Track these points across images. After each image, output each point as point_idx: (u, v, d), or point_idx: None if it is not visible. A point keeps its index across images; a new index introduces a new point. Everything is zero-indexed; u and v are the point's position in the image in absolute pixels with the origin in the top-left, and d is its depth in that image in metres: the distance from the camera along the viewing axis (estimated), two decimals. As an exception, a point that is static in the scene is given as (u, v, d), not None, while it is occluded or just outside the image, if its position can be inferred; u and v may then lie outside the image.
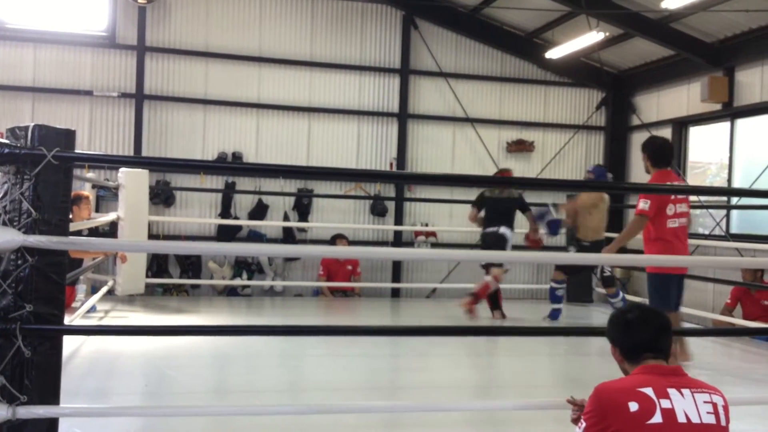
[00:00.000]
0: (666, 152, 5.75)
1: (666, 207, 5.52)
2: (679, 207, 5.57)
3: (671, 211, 5.54)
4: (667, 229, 5.53)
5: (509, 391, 5.22)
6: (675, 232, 5.56)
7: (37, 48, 9.40)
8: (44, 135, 2.81)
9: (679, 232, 5.58)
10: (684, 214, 5.63)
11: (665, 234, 5.53)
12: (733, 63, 8.95)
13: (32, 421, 2.83)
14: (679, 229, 5.58)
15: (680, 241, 5.58)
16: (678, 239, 5.56)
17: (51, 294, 2.86)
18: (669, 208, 5.54)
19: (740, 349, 7.14)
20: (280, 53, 10.16)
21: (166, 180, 9.75)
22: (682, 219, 5.61)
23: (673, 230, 5.55)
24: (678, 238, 5.57)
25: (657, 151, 5.72)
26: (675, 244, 5.53)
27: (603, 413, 2.32)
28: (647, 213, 5.49)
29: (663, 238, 5.53)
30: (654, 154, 5.71)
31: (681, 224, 5.60)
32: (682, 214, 5.60)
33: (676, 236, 5.55)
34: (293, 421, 3.96)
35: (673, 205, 5.55)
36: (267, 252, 9.19)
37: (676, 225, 5.57)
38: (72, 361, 5.19)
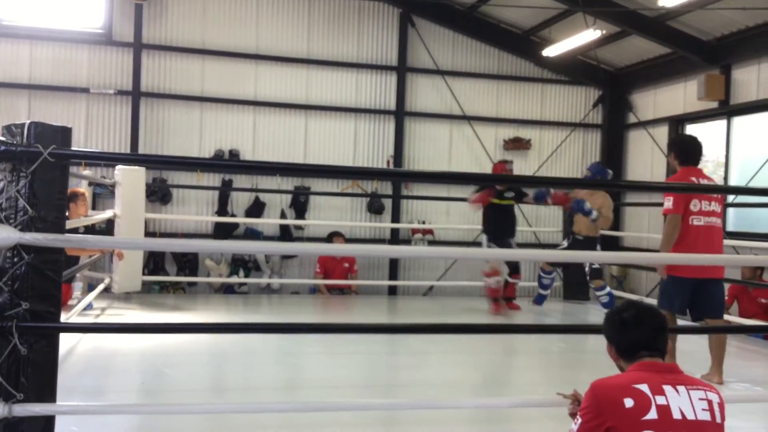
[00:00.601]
0: (694, 149, 5.41)
1: (690, 203, 5.17)
2: (705, 205, 5.19)
3: (696, 208, 5.16)
4: (690, 227, 5.16)
5: (506, 388, 5.23)
6: (699, 232, 5.15)
7: (33, 45, 9.38)
8: (40, 132, 2.80)
9: (704, 232, 5.16)
10: (713, 213, 5.21)
11: (687, 232, 5.16)
12: (730, 61, 8.96)
13: (29, 418, 2.83)
14: (707, 228, 5.17)
15: (706, 241, 5.13)
16: (703, 239, 5.13)
17: (47, 291, 2.86)
18: (693, 204, 5.17)
19: (736, 346, 7.15)
20: (277, 50, 10.15)
21: (162, 177, 9.73)
22: (711, 218, 5.20)
23: (697, 229, 5.16)
24: (703, 237, 5.14)
25: (684, 148, 5.43)
26: (699, 244, 5.09)
27: (599, 409, 2.33)
28: (674, 211, 5.15)
29: (685, 237, 5.15)
30: (682, 152, 5.41)
31: (708, 223, 5.19)
32: (711, 213, 5.19)
33: (699, 236, 5.14)
34: (290, 418, 3.96)
35: (698, 201, 5.17)
36: (264, 250, 9.18)
37: (702, 223, 5.17)
38: (68, 359, 5.18)
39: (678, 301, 5.27)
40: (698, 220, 5.17)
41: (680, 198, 5.15)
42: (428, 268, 10.67)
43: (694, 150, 5.41)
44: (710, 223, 5.19)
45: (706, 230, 5.16)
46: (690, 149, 5.40)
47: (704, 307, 5.32)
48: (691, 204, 5.15)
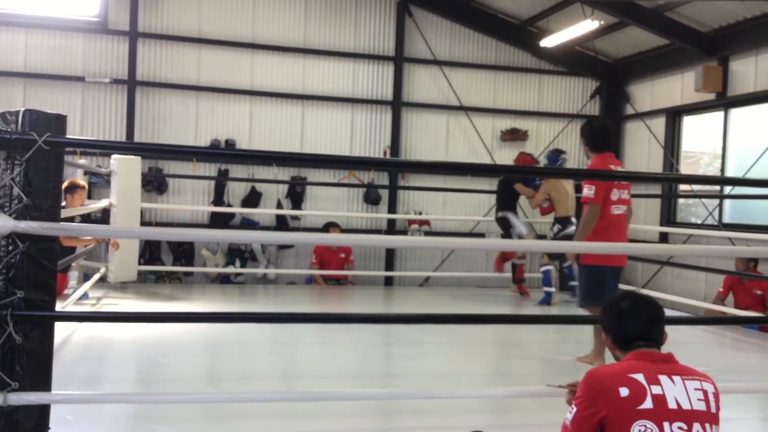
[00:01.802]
0: (605, 135, 5.52)
1: (611, 193, 5.26)
2: (622, 193, 5.33)
3: (615, 197, 5.27)
4: (611, 216, 5.27)
5: (502, 378, 5.24)
6: (618, 220, 5.30)
7: (28, 33, 9.33)
8: (35, 120, 2.79)
9: (620, 220, 5.33)
10: (626, 202, 5.38)
11: (609, 221, 5.25)
12: (728, 52, 8.95)
13: (24, 407, 2.83)
14: (621, 216, 5.33)
15: (620, 229, 5.31)
16: (618, 228, 5.29)
17: (42, 280, 2.85)
18: (613, 194, 5.27)
19: (731, 337, 7.18)
20: (274, 40, 10.11)
21: (158, 167, 9.71)
22: (624, 206, 5.37)
23: (617, 217, 5.30)
24: (618, 226, 5.30)
25: (596, 134, 5.48)
26: (613, 232, 5.22)
27: (594, 398, 2.33)
28: (595, 200, 5.23)
29: (607, 226, 5.24)
30: (593, 138, 5.47)
31: (623, 212, 5.36)
32: (624, 201, 5.36)
33: (617, 224, 5.29)
34: (285, 408, 3.97)
35: (617, 190, 5.28)
36: (260, 239, 9.17)
37: (620, 212, 5.33)
38: (64, 348, 5.18)
39: (608, 291, 5.20)
40: (617, 209, 5.29)
41: (601, 187, 5.20)
42: (424, 258, 10.68)
43: (605, 136, 5.51)
44: (623, 211, 5.35)
45: (621, 218, 5.33)
46: (601, 136, 5.49)
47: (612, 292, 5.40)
48: (611, 194, 5.24)
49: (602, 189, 5.21)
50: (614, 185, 5.25)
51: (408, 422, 4.09)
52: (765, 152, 8.27)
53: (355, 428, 3.93)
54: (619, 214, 5.31)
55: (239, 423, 3.82)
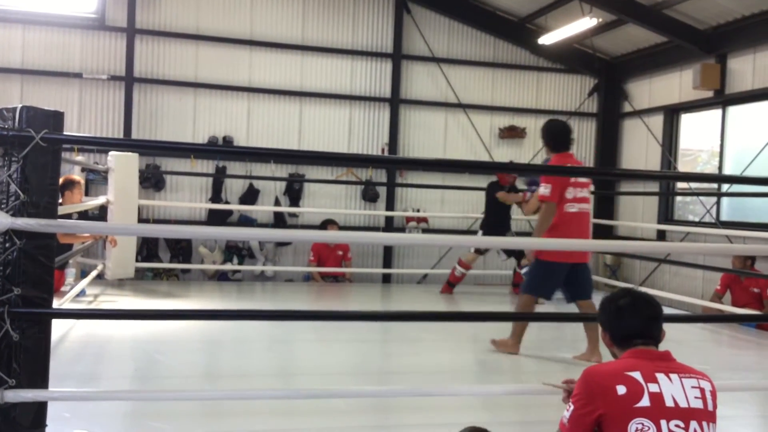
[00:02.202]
0: (565, 135, 5.58)
1: (566, 191, 5.36)
2: (579, 192, 5.41)
3: (570, 195, 5.37)
4: (565, 213, 5.36)
5: (500, 376, 5.24)
6: (575, 218, 5.39)
7: (25, 29, 9.31)
8: (32, 117, 2.79)
9: (579, 218, 5.41)
10: (584, 200, 5.47)
11: (564, 219, 5.35)
12: (726, 50, 8.95)
13: (21, 404, 2.83)
14: (579, 214, 5.41)
15: (579, 227, 5.39)
16: (576, 225, 5.37)
17: (39, 277, 2.85)
18: (569, 192, 5.37)
19: (728, 335, 7.20)
20: (272, 37, 10.10)
21: (156, 164, 9.70)
22: (583, 205, 5.46)
23: (573, 215, 5.38)
24: (576, 223, 5.38)
25: (556, 134, 5.57)
26: (569, 229, 5.31)
27: (591, 396, 2.33)
28: (550, 198, 5.34)
29: (562, 223, 5.34)
30: (552, 138, 5.57)
31: (581, 210, 5.44)
32: (582, 200, 5.45)
33: (574, 222, 5.38)
34: (283, 405, 3.97)
35: (573, 188, 5.38)
36: (258, 236, 9.17)
37: (576, 210, 5.41)
38: (61, 345, 5.18)
39: (550, 285, 5.53)
40: (572, 207, 5.38)
41: (557, 186, 5.31)
42: (422, 256, 10.68)
43: (564, 136, 5.57)
44: (582, 209, 5.42)
45: (579, 216, 5.40)
46: (560, 136, 5.57)
47: (578, 290, 5.57)
48: (566, 192, 5.35)
49: (558, 187, 5.32)
50: (570, 184, 5.35)
51: (405, 419, 4.10)
52: (763, 150, 8.28)
53: (352, 425, 3.93)
54: (576, 212, 5.41)
55: (236, 420, 3.82)
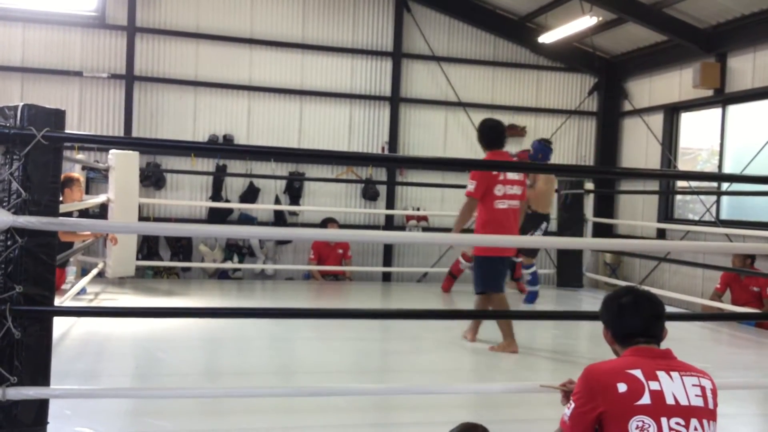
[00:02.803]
0: (497, 133, 5.73)
1: (494, 187, 5.51)
2: (509, 188, 5.56)
3: (500, 192, 5.52)
4: (495, 210, 5.52)
5: (500, 374, 5.25)
6: (504, 214, 5.53)
7: (26, 27, 9.31)
8: (34, 115, 2.79)
9: (508, 215, 5.56)
10: (515, 197, 5.61)
11: (494, 215, 5.51)
12: (726, 49, 8.95)
13: (22, 402, 2.83)
14: (508, 211, 5.56)
15: (508, 223, 5.55)
16: (505, 221, 5.52)
17: (41, 275, 2.85)
18: (497, 189, 5.52)
19: (728, 334, 7.20)
20: (272, 35, 10.10)
21: (156, 162, 9.70)
22: (513, 201, 5.60)
23: (502, 212, 5.53)
24: (505, 219, 5.53)
25: (488, 132, 5.73)
26: (498, 225, 5.48)
27: (592, 394, 2.34)
28: (473, 194, 5.51)
29: (492, 220, 5.51)
30: (485, 136, 5.72)
31: (511, 206, 5.59)
32: (513, 197, 5.59)
33: (505, 218, 5.53)
34: (283, 403, 3.97)
35: (501, 185, 5.53)
36: (258, 234, 9.17)
37: (505, 206, 5.55)
38: (62, 343, 5.18)
39: (499, 279, 5.68)
40: (502, 203, 5.53)
41: (482, 183, 5.48)
42: (422, 254, 10.68)
43: (497, 134, 5.72)
44: (512, 205, 5.58)
45: (507, 213, 5.55)
46: (494, 134, 5.73)
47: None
48: (495, 188, 5.50)
49: (483, 184, 5.48)
50: (499, 181, 5.51)
51: (405, 417, 4.10)
52: (762, 149, 8.29)
53: (352, 423, 3.93)
54: (505, 209, 5.54)
55: (237, 418, 3.83)
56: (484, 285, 5.66)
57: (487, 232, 5.51)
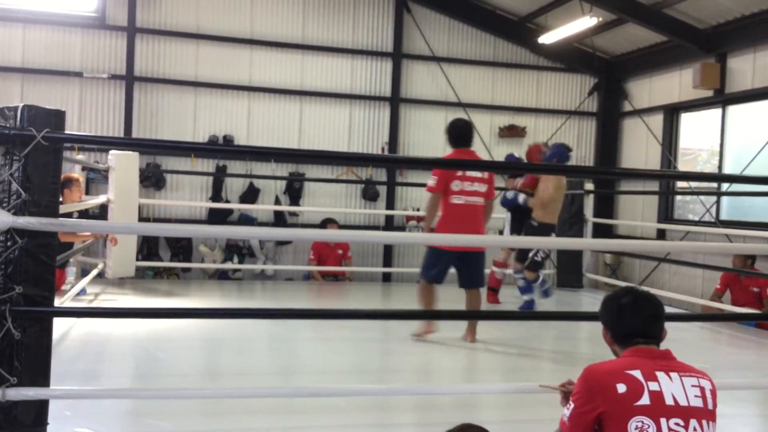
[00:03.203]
0: (463, 132, 5.92)
1: (451, 183, 5.66)
2: (468, 185, 5.68)
3: (457, 188, 5.66)
4: (451, 205, 5.66)
5: (499, 375, 5.25)
6: (461, 210, 5.65)
7: (26, 28, 9.31)
8: (34, 115, 2.79)
9: (465, 210, 5.66)
10: (474, 193, 5.70)
11: (450, 211, 5.67)
12: (726, 49, 8.95)
13: (22, 402, 2.83)
14: (465, 207, 5.66)
15: (465, 218, 5.64)
16: (462, 216, 5.63)
17: (41, 276, 2.85)
18: (455, 185, 5.66)
19: (728, 334, 7.20)
20: (272, 36, 10.10)
21: (156, 163, 9.70)
22: (472, 198, 5.69)
23: (459, 207, 5.65)
24: (461, 215, 5.63)
25: (453, 131, 5.92)
26: (457, 220, 5.60)
27: (591, 395, 2.33)
28: (435, 189, 5.71)
29: (448, 215, 5.68)
30: (451, 135, 5.91)
31: (468, 202, 5.68)
32: (472, 193, 5.69)
33: (462, 214, 5.64)
34: (283, 403, 3.97)
35: (460, 182, 5.66)
36: (258, 235, 9.17)
37: (462, 202, 5.67)
38: (62, 344, 5.18)
39: (435, 271, 5.83)
40: (459, 199, 5.66)
41: (442, 178, 5.66)
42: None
43: (463, 133, 5.92)
44: (469, 202, 5.69)
45: (465, 208, 5.66)
46: (459, 132, 5.92)
47: (464, 278, 5.89)
48: (452, 184, 5.65)
49: (442, 180, 5.67)
50: (457, 177, 5.66)
51: (404, 418, 4.11)
52: (762, 149, 8.29)
53: (352, 424, 3.94)
54: (462, 204, 5.68)
55: (237, 418, 3.83)
56: (423, 272, 5.92)
57: (443, 227, 5.69)
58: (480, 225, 5.81)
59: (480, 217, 5.77)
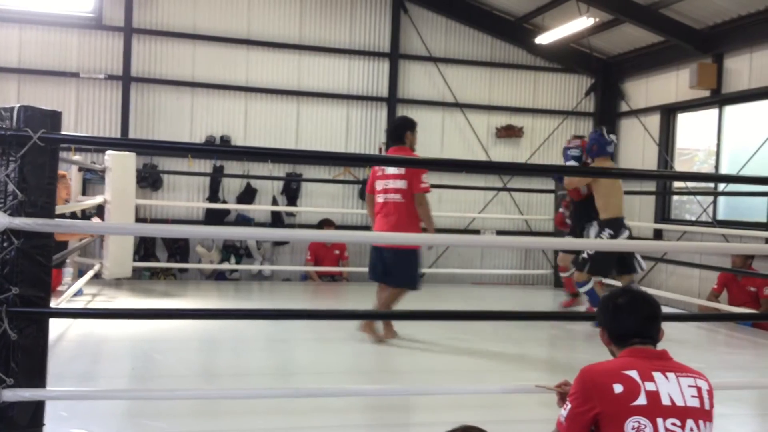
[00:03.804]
0: (394, 130, 6.11)
1: (374, 183, 5.96)
2: (385, 183, 5.87)
3: (379, 187, 5.91)
4: (376, 203, 5.95)
5: (496, 375, 5.25)
6: (380, 207, 5.88)
7: (22, 29, 9.29)
8: (30, 116, 2.79)
9: (382, 207, 5.87)
10: (391, 191, 5.83)
11: (375, 208, 5.96)
12: (722, 50, 8.96)
13: (18, 403, 2.83)
14: (385, 204, 5.85)
15: (384, 216, 5.85)
16: (385, 215, 5.84)
17: (37, 276, 2.85)
18: (377, 184, 5.94)
19: (725, 334, 7.21)
20: (269, 36, 10.10)
21: (153, 163, 9.69)
22: (389, 195, 5.84)
23: (380, 205, 5.88)
24: (385, 213, 5.84)
25: (389, 128, 6.06)
26: (379, 217, 5.88)
27: (588, 395, 2.34)
28: (367, 190, 6.08)
29: (373, 213, 6.00)
30: (388, 132, 6.05)
31: (387, 200, 5.86)
32: (388, 191, 5.85)
33: (380, 211, 5.88)
34: (280, 404, 3.97)
35: (379, 181, 5.90)
36: (255, 235, 9.17)
37: (382, 200, 5.88)
38: (59, 345, 5.17)
39: (371, 267, 6.09)
40: (380, 197, 5.92)
41: (370, 179, 6.06)
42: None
43: (394, 131, 6.14)
44: (388, 199, 5.86)
45: (383, 206, 5.88)
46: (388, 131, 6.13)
47: (383, 274, 5.99)
48: (375, 184, 5.97)
49: (370, 180, 6.03)
50: (378, 177, 5.93)
51: (402, 418, 4.10)
52: (759, 149, 8.30)
53: (349, 424, 3.93)
54: (382, 202, 5.88)
55: (234, 419, 3.83)
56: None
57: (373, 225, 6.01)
58: (400, 221, 5.81)
59: (401, 213, 5.82)
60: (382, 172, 5.88)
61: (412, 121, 6.21)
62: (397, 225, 5.78)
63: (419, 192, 5.79)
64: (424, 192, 5.81)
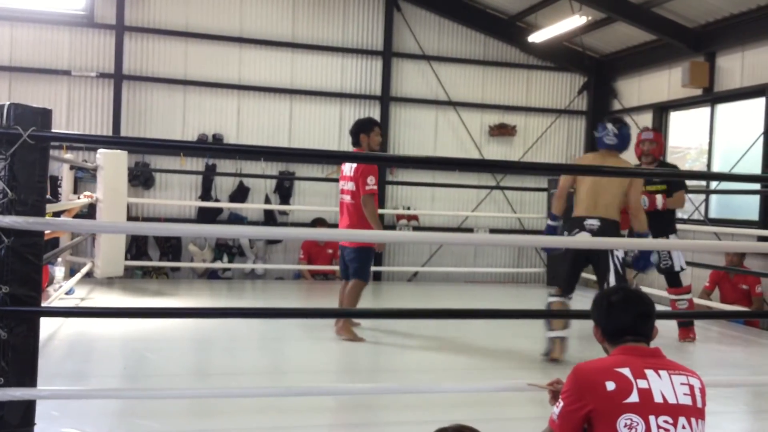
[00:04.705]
0: (351, 134, 6.24)
1: (340, 183, 6.20)
2: (343, 185, 6.13)
3: (341, 188, 6.17)
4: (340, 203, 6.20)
5: (489, 373, 5.25)
6: (341, 207, 6.18)
7: (13, 26, 9.24)
8: (20, 114, 2.77)
9: (342, 207, 6.15)
10: (346, 192, 6.07)
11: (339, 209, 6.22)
12: (714, 48, 8.99)
13: (9, 403, 2.81)
14: (342, 204, 6.14)
15: (342, 215, 6.16)
16: (342, 214, 6.17)
17: (27, 275, 2.84)
18: (341, 185, 6.16)
19: (717, 332, 7.23)
20: (262, 34, 10.07)
21: (145, 162, 9.66)
22: (344, 197, 6.09)
23: (342, 205, 6.16)
24: (342, 212, 6.17)
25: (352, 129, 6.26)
26: (340, 218, 6.23)
27: (580, 392, 2.34)
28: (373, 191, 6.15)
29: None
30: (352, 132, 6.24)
31: (342, 201, 6.13)
32: (344, 192, 6.10)
33: (341, 211, 6.17)
34: (273, 403, 3.96)
35: (342, 182, 6.16)
36: (248, 234, 9.14)
37: (341, 201, 6.17)
38: (50, 344, 5.16)
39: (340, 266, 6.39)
40: (342, 197, 6.16)
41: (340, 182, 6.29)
42: (413, 253, 10.67)
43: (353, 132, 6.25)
44: (343, 199, 6.12)
45: (341, 206, 6.18)
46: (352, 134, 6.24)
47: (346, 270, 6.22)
48: (340, 184, 6.20)
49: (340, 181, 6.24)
50: (341, 178, 6.20)
51: (394, 416, 4.10)
52: (751, 148, 8.33)
53: (342, 423, 3.93)
54: (341, 203, 6.16)
55: (226, 418, 3.82)
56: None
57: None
58: (352, 222, 6.02)
59: (352, 214, 6.01)
60: (341, 174, 6.17)
61: (368, 123, 6.27)
62: (350, 226, 6.04)
63: (364, 194, 5.90)
64: (370, 194, 5.89)
